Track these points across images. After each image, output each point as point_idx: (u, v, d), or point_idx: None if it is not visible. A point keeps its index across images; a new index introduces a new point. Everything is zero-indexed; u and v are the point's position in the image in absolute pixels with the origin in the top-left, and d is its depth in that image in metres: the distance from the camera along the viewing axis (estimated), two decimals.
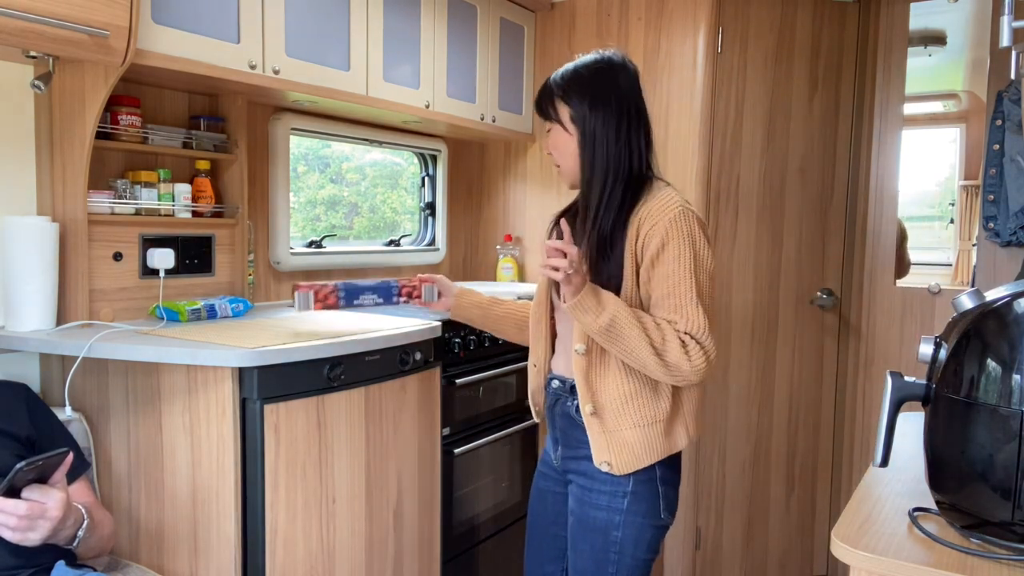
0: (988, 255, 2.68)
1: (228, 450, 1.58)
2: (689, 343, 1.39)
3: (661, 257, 1.42)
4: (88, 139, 1.72)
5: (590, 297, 1.38)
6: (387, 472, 1.89)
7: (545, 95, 1.56)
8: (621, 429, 1.48)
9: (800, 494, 2.94)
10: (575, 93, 1.51)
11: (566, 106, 1.51)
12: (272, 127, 2.36)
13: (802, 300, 2.87)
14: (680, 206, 1.44)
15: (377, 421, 1.85)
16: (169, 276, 1.99)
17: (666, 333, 1.39)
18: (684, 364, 1.38)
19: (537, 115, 1.60)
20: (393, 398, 1.90)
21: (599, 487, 1.51)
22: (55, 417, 1.58)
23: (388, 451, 1.89)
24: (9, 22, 1.37)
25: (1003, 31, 1.23)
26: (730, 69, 2.67)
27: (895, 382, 1.05)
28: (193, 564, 1.64)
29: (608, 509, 1.50)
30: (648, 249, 1.43)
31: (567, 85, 1.52)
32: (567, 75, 1.54)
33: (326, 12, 2.10)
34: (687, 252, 1.41)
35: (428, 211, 3.11)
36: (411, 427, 1.96)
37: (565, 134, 1.53)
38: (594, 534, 1.51)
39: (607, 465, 1.48)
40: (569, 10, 2.90)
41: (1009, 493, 0.92)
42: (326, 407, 1.71)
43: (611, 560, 1.50)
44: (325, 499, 1.71)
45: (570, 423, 1.56)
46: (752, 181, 2.75)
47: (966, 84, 3.43)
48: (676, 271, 1.41)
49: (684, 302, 1.40)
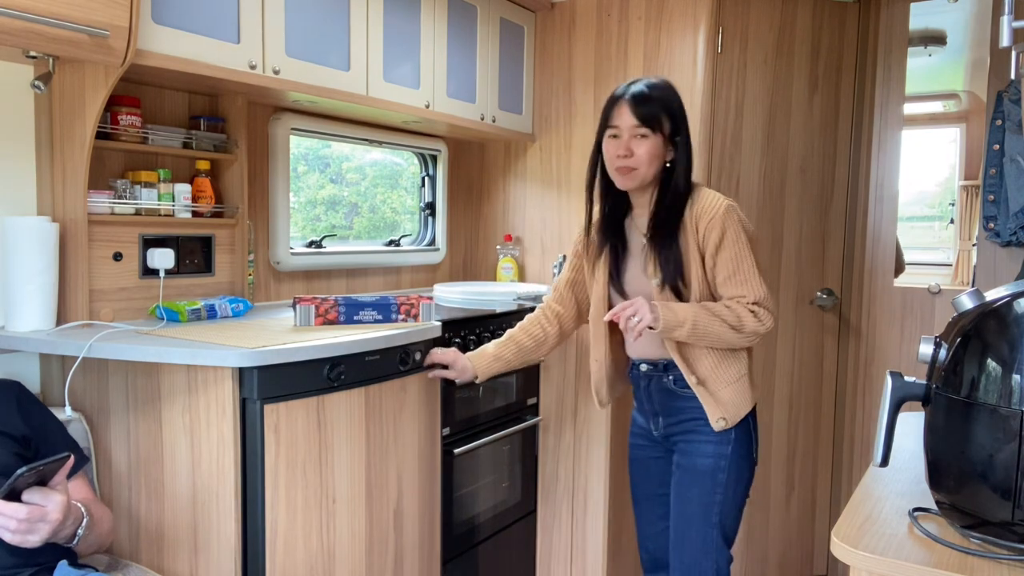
0: (988, 255, 2.68)
1: (228, 450, 1.58)
2: (758, 311, 1.70)
3: (723, 243, 1.71)
4: (88, 139, 1.72)
5: (670, 318, 1.67)
6: (387, 472, 1.88)
7: (653, 105, 1.74)
8: (720, 389, 1.77)
9: (800, 494, 2.94)
10: (677, 111, 1.77)
11: (669, 121, 1.75)
12: (272, 127, 2.36)
13: (802, 300, 2.87)
14: (727, 202, 1.73)
15: (378, 421, 1.84)
16: (169, 276, 1.99)
17: (739, 312, 1.70)
18: (760, 328, 1.70)
19: (634, 119, 1.73)
20: (393, 398, 1.89)
21: (706, 439, 1.79)
22: (49, 413, 1.58)
23: (388, 451, 1.88)
24: (9, 22, 1.37)
25: (1003, 31, 1.23)
26: (730, 69, 2.67)
27: (895, 382, 1.05)
28: (193, 564, 1.64)
29: (715, 456, 1.78)
30: (710, 240, 1.72)
31: (672, 103, 1.77)
32: (668, 92, 1.77)
33: (326, 12, 2.10)
34: (743, 236, 1.72)
35: (428, 211, 3.11)
36: (411, 427, 1.95)
37: (660, 144, 1.75)
38: (703, 477, 1.78)
39: (723, 421, 1.76)
40: (569, 10, 2.91)
41: (1009, 493, 0.92)
42: (326, 407, 1.71)
43: (716, 502, 1.77)
44: (325, 499, 1.71)
45: (669, 396, 1.84)
46: (752, 181, 2.75)
47: (966, 84, 3.43)
48: (737, 253, 1.71)
49: (748, 276, 1.72)
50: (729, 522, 1.80)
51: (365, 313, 1.91)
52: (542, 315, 2.02)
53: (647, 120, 1.72)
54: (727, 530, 1.80)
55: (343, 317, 1.89)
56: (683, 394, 1.80)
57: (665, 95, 1.76)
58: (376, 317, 1.92)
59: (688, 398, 1.79)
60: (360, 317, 1.91)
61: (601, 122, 1.80)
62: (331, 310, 1.88)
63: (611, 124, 1.76)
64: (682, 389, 1.80)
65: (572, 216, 2.97)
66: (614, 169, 1.77)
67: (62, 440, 1.55)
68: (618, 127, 1.75)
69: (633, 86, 1.77)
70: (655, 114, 1.73)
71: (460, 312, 2.35)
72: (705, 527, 1.78)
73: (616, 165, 1.76)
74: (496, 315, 2.40)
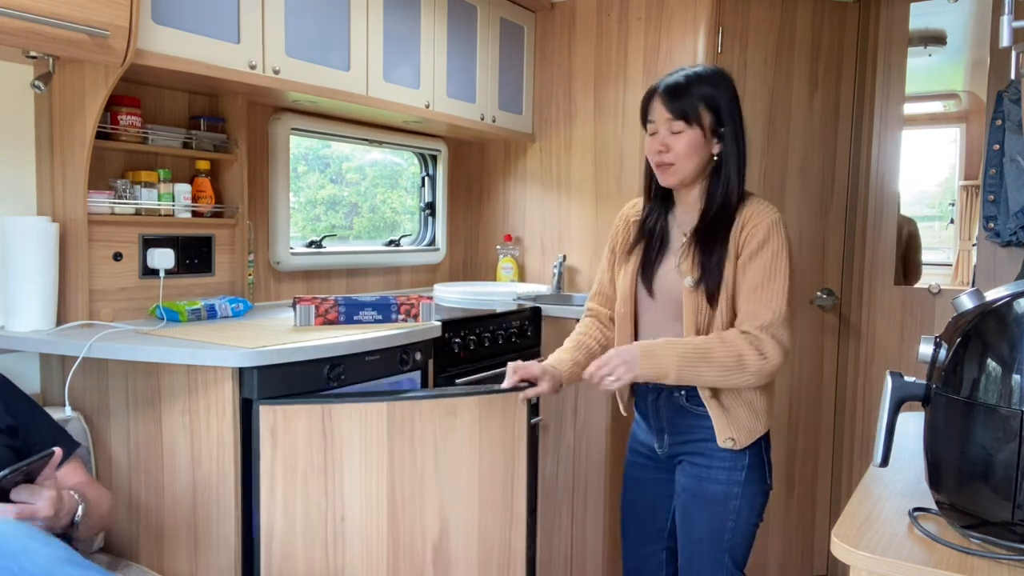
0: (988, 255, 2.68)
1: (228, 450, 1.58)
2: (763, 337, 1.53)
3: (762, 250, 1.58)
4: (88, 139, 1.72)
5: (650, 370, 1.54)
6: (422, 503, 1.65)
7: (689, 97, 1.61)
8: (734, 407, 1.63)
9: (800, 494, 2.94)
10: (721, 101, 1.62)
11: (710, 113, 1.61)
12: (272, 127, 2.36)
13: (802, 300, 2.86)
14: (779, 215, 1.61)
15: (407, 443, 1.63)
16: (169, 276, 1.99)
17: (739, 349, 1.54)
18: (766, 366, 1.53)
19: (668, 113, 1.61)
20: (435, 421, 1.63)
21: (718, 463, 1.65)
22: (33, 402, 1.56)
23: (424, 480, 1.64)
24: (9, 22, 1.37)
25: (1003, 31, 1.23)
26: (730, 69, 2.64)
27: (895, 382, 1.05)
28: (193, 564, 1.64)
29: (728, 482, 1.64)
30: (750, 243, 1.59)
31: (714, 93, 1.62)
32: (710, 81, 1.63)
33: (326, 12, 2.10)
34: (784, 251, 1.59)
35: (428, 211, 3.11)
36: (464, 457, 1.66)
37: (700, 138, 1.61)
38: (713, 505, 1.65)
39: (731, 441, 1.63)
40: (569, 10, 2.90)
41: (1009, 493, 0.92)
42: (333, 417, 1.60)
43: (727, 528, 1.65)
44: (332, 514, 1.59)
45: (678, 412, 1.68)
46: (752, 181, 2.73)
47: (966, 84, 3.43)
48: (772, 265, 1.57)
49: (774, 295, 1.56)
50: (741, 546, 1.69)
51: (365, 313, 1.92)
52: (597, 321, 1.84)
53: (681, 113, 1.60)
54: (738, 555, 1.69)
55: (343, 317, 1.89)
56: (695, 412, 1.65)
57: (705, 85, 1.62)
58: (376, 317, 1.93)
59: (700, 416, 1.65)
60: (360, 317, 1.91)
61: (641, 118, 1.70)
62: (331, 310, 1.88)
63: (648, 119, 1.67)
64: (695, 406, 1.65)
65: (572, 216, 2.97)
66: (655, 166, 1.67)
67: (49, 428, 1.53)
68: (654, 122, 1.65)
69: (670, 77, 1.65)
70: (691, 106, 1.61)
71: (460, 312, 2.35)
72: (716, 552, 1.67)
73: (655, 161, 1.66)
74: (496, 315, 2.40)
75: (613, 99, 2.84)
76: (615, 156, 2.84)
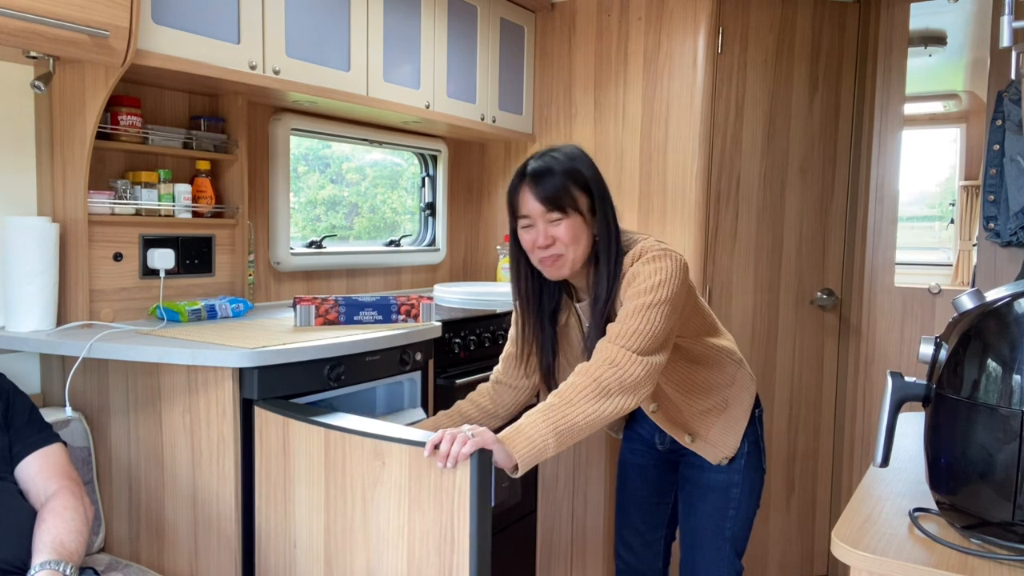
0: (988, 255, 2.68)
1: (228, 450, 1.58)
2: (618, 355, 1.41)
3: (633, 284, 1.49)
4: (88, 139, 1.72)
5: (525, 449, 1.33)
6: (352, 556, 1.44)
7: (560, 185, 1.50)
8: (715, 436, 1.70)
9: (800, 494, 2.94)
10: (589, 180, 1.53)
11: (584, 195, 1.53)
12: (272, 127, 2.36)
13: (802, 300, 2.86)
14: (663, 249, 1.52)
15: (339, 483, 1.43)
16: (169, 276, 1.99)
17: (594, 374, 1.40)
18: (626, 377, 1.40)
19: (541, 204, 1.50)
20: (363, 464, 1.40)
21: None
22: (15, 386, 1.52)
23: (353, 532, 1.44)
24: (9, 22, 1.37)
25: (1003, 31, 1.23)
26: (730, 69, 2.67)
27: (895, 382, 1.05)
28: (193, 564, 1.64)
29: (728, 471, 1.72)
30: (627, 278, 1.51)
31: (578, 174, 1.52)
32: (571, 163, 1.53)
33: (326, 12, 2.10)
34: (657, 278, 1.47)
35: (428, 211, 3.11)
36: (394, 513, 1.37)
37: (583, 224, 1.52)
38: (715, 493, 1.73)
39: (725, 460, 1.71)
40: (569, 10, 2.91)
41: (1009, 493, 0.92)
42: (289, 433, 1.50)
43: (729, 516, 1.73)
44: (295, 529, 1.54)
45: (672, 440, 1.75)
46: (752, 181, 2.75)
47: (966, 84, 3.44)
48: (640, 293, 1.47)
49: (636, 310, 1.44)
50: (741, 534, 1.75)
51: (365, 313, 1.92)
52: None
53: (556, 202, 1.49)
54: (739, 542, 1.75)
55: (343, 317, 1.89)
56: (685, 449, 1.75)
57: (569, 165, 1.52)
58: (376, 317, 1.93)
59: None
60: (360, 317, 1.91)
61: (509, 212, 1.57)
62: (331, 310, 1.88)
63: (520, 215, 1.54)
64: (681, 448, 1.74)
65: None
66: (538, 262, 1.55)
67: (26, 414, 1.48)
68: (528, 216, 1.52)
69: (531, 163, 1.54)
70: (566, 193, 1.50)
71: (460, 312, 2.35)
72: (717, 540, 1.74)
73: (539, 257, 1.53)
74: (496, 315, 2.40)
75: (613, 99, 2.84)
76: (615, 156, 2.84)
